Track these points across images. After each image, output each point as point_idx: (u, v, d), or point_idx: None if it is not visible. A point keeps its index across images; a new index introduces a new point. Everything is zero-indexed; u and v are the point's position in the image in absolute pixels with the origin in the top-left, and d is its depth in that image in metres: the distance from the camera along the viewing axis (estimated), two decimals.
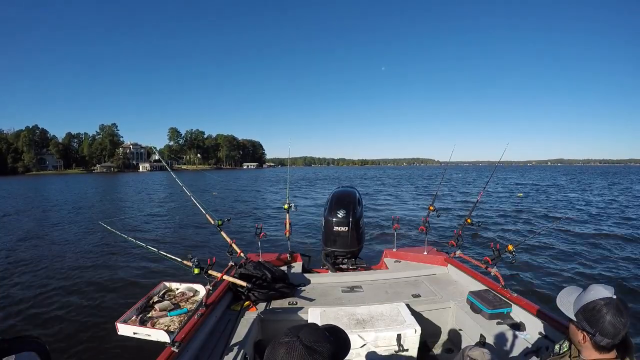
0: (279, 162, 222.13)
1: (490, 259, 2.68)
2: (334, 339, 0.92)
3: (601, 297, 1.22)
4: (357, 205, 3.76)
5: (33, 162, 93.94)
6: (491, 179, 4.80)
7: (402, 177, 56.20)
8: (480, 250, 7.68)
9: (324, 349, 0.87)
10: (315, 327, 0.95)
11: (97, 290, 6.01)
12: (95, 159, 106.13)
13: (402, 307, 2.44)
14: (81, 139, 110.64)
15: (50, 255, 8.48)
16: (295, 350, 0.84)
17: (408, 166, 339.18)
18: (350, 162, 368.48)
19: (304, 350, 0.84)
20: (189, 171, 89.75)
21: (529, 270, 6.66)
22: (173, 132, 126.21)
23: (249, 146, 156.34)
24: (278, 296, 2.82)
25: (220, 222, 3.22)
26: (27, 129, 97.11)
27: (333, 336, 0.93)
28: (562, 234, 9.93)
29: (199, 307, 2.20)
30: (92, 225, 12.26)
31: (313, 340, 0.87)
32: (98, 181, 50.55)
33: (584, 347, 1.28)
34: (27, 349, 0.88)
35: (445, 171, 10.21)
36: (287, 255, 3.77)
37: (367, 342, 2.10)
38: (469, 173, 72.18)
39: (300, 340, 0.86)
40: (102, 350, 4.05)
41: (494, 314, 2.45)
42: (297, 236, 9.02)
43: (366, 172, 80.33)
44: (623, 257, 7.71)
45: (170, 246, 9.02)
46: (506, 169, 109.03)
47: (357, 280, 3.22)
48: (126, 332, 1.85)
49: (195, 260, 2.31)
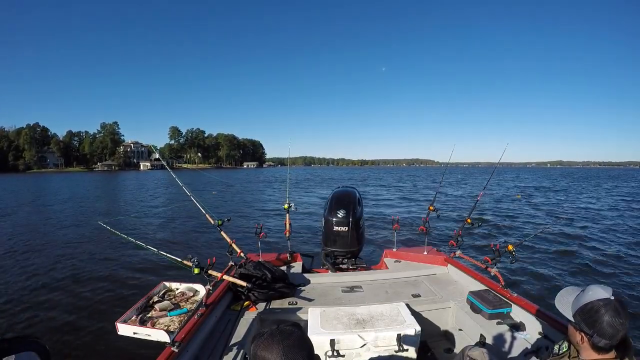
0: (279, 162, 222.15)
1: (490, 259, 2.68)
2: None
3: (599, 298, 1.21)
4: (357, 205, 3.76)
5: (34, 160, 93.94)
6: (490, 179, 4.79)
7: (401, 177, 56.14)
8: (480, 250, 7.69)
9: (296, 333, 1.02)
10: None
11: (97, 290, 6.01)
12: (96, 157, 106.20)
13: (402, 307, 2.44)
14: (82, 137, 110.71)
15: (49, 255, 8.48)
16: (273, 334, 0.99)
17: (407, 167, 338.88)
18: (350, 162, 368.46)
19: (279, 333, 0.99)
20: (189, 170, 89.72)
21: (529, 270, 6.66)
22: (174, 130, 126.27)
23: (249, 145, 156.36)
24: (278, 296, 2.82)
25: (220, 222, 3.22)
26: (28, 127, 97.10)
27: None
28: (562, 234, 9.93)
29: (199, 307, 2.20)
30: (91, 225, 12.25)
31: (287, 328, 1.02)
32: (99, 180, 50.57)
33: (583, 347, 1.28)
34: (27, 349, 0.88)
35: (445, 172, 10.21)
36: (287, 255, 3.77)
37: (367, 342, 2.10)
38: (469, 173, 72.07)
39: (277, 328, 1.01)
40: (102, 350, 4.06)
41: (494, 314, 2.45)
42: (297, 236, 9.03)
43: (368, 174, 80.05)
44: (623, 257, 7.71)
45: (170, 246, 9.02)
46: (505, 170, 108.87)
47: (357, 280, 3.22)
48: (126, 332, 1.85)
49: (195, 260, 2.30)
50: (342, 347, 2.07)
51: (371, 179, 47.78)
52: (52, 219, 14.25)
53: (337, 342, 2.06)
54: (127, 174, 76.69)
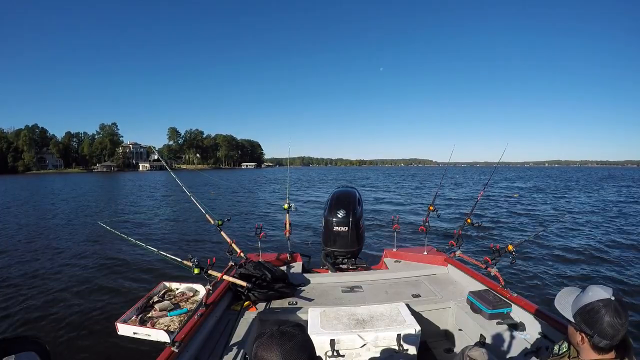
0: (277, 162, 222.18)
1: (490, 259, 2.68)
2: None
3: (599, 299, 1.21)
4: (357, 205, 3.76)
5: (33, 161, 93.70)
6: (490, 179, 4.80)
7: (401, 177, 56.14)
8: (480, 250, 7.69)
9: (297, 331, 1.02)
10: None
11: (97, 290, 6.01)
12: (95, 158, 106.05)
13: (402, 307, 2.44)
14: (81, 138, 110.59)
15: (49, 255, 8.47)
16: (273, 336, 0.99)
17: (406, 166, 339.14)
18: (348, 162, 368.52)
19: (279, 334, 0.99)
20: (187, 171, 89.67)
21: (529, 270, 6.66)
22: (172, 131, 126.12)
23: (247, 146, 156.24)
24: (278, 296, 2.82)
25: (220, 222, 3.22)
26: (27, 128, 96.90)
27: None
28: (562, 234, 9.94)
29: (199, 307, 2.20)
30: (91, 225, 12.24)
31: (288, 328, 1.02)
32: (98, 180, 50.47)
33: (583, 348, 1.28)
34: (27, 349, 0.88)
35: (445, 172, 10.25)
36: (287, 255, 3.77)
37: (367, 342, 2.11)
38: (468, 174, 72.13)
39: (279, 329, 1.01)
40: (102, 350, 4.05)
41: (494, 314, 2.45)
42: (297, 236, 9.03)
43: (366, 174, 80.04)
44: (623, 257, 7.72)
45: (170, 246, 9.01)
46: (503, 170, 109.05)
47: (357, 280, 3.22)
48: (126, 332, 1.85)
49: (195, 260, 2.30)
50: (342, 347, 2.07)
51: (371, 179, 47.80)
52: (52, 220, 14.22)
53: (337, 342, 2.06)
54: (126, 174, 76.58)
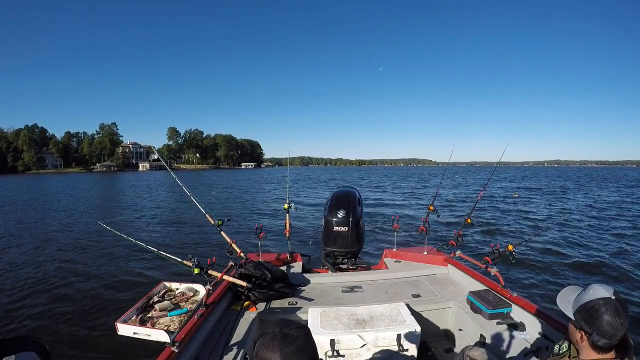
0: (277, 162, 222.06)
1: (490, 259, 2.67)
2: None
3: (600, 297, 1.21)
4: (357, 205, 3.76)
5: (33, 160, 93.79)
6: (490, 179, 4.79)
7: (401, 177, 56.15)
8: (480, 250, 7.69)
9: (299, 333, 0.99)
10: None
11: (97, 290, 6.00)
12: (95, 158, 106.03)
13: (402, 307, 2.44)
14: (80, 138, 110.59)
15: (49, 255, 8.47)
16: (275, 338, 0.96)
17: (405, 166, 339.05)
18: (348, 162, 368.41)
19: (281, 336, 0.97)
20: (187, 170, 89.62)
21: (529, 270, 6.66)
22: (172, 131, 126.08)
23: (247, 146, 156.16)
24: (278, 296, 2.82)
25: (220, 222, 3.22)
26: (26, 128, 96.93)
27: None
28: (562, 234, 9.95)
29: (199, 307, 2.19)
30: (91, 225, 12.23)
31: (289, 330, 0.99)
32: (98, 180, 50.48)
33: (582, 346, 1.28)
34: (27, 349, 0.88)
35: (445, 171, 10.26)
36: (287, 255, 3.76)
37: (367, 342, 2.10)
38: (468, 173, 72.15)
39: (281, 331, 0.98)
40: (102, 350, 4.05)
41: (494, 314, 2.45)
42: (297, 236, 9.02)
43: (365, 174, 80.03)
44: (624, 257, 7.72)
45: (170, 246, 9.01)
46: (503, 170, 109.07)
47: (357, 280, 3.22)
48: (126, 332, 1.84)
49: (195, 260, 2.30)
50: (342, 347, 2.07)
51: (370, 179, 47.80)
52: (52, 220, 14.21)
53: (337, 342, 2.06)
54: (126, 174, 76.61)
